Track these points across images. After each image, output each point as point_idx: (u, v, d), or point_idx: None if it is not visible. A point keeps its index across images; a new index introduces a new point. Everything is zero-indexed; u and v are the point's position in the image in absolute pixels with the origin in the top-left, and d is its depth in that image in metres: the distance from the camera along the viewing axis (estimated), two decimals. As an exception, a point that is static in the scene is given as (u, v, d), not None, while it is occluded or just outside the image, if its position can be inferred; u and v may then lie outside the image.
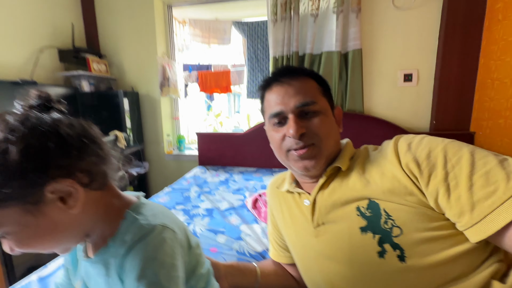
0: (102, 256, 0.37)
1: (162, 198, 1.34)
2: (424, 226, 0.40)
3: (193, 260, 0.45)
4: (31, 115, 0.33)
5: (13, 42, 1.62)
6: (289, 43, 1.76)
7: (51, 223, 0.33)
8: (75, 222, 0.35)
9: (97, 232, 0.38)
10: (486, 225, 0.35)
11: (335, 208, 0.49)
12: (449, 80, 1.60)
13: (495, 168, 0.36)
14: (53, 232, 0.34)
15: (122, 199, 0.41)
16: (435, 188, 0.39)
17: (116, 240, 0.36)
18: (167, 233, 0.37)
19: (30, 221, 0.31)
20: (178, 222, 0.43)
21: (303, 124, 0.50)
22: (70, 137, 0.34)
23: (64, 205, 0.33)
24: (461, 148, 0.40)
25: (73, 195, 0.33)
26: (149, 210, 0.40)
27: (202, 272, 0.46)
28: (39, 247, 0.34)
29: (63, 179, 0.32)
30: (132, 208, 0.39)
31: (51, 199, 0.32)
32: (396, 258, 0.41)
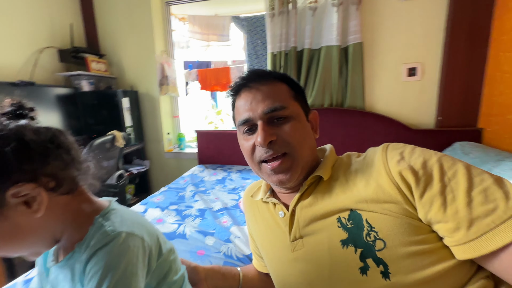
0: (68, 261, 0.37)
1: (157, 198, 1.34)
2: (408, 239, 0.37)
3: (165, 266, 0.44)
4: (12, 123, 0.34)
5: (12, 43, 1.64)
6: (287, 38, 1.71)
7: (15, 226, 0.34)
8: (41, 226, 0.36)
9: (66, 237, 0.39)
10: (481, 244, 0.33)
11: (315, 221, 0.46)
12: (456, 74, 1.52)
13: (492, 186, 0.34)
14: (17, 236, 0.34)
15: (93, 204, 0.41)
16: (430, 200, 0.36)
17: (82, 246, 0.36)
18: (132, 240, 0.37)
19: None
20: (149, 229, 0.43)
21: (273, 131, 0.46)
22: (33, 142, 0.35)
23: (28, 209, 0.34)
24: (456, 162, 0.38)
25: (36, 199, 0.34)
26: (118, 217, 0.40)
27: (175, 279, 0.46)
28: (3, 250, 0.34)
29: (25, 183, 0.33)
30: (102, 214, 0.39)
31: (14, 203, 0.33)
32: (380, 274, 0.38)
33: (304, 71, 1.72)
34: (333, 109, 1.70)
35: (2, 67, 1.58)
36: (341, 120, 1.68)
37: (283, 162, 0.46)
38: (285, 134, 0.46)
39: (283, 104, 0.47)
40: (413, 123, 1.66)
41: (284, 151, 0.46)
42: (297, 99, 0.51)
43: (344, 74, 1.69)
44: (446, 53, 1.51)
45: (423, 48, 1.58)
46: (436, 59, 1.56)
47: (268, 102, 0.47)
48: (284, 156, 0.47)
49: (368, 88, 1.70)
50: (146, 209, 1.19)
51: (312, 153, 0.51)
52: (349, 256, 0.40)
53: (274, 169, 0.46)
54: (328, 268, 0.43)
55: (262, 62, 2.12)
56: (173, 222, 1.06)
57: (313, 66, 1.73)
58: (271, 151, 0.46)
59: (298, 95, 0.51)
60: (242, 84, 0.51)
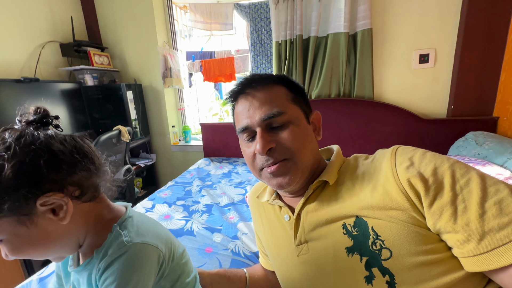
0: (86, 266, 0.39)
1: (165, 193, 1.35)
2: (416, 249, 0.36)
3: (178, 270, 0.46)
4: (27, 132, 0.35)
5: (14, 38, 1.62)
6: (292, 25, 1.64)
7: (43, 233, 0.35)
8: (66, 232, 0.38)
9: (87, 243, 0.40)
10: (492, 258, 0.31)
11: (320, 226, 0.45)
12: (472, 60, 1.44)
13: (508, 198, 0.33)
14: (44, 242, 0.36)
15: (111, 210, 0.43)
16: (440, 209, 0.35)
17: (99, 252, 0.38)
18: (147, 251, 0.39)
19: (23, 231, 0.34)
20: (163, 235, 0.44)
21: (272, 138, 0.45)
22: (62, 153, 0.36)
23: (55, 216, 0.35)
24: (469, 170, 0.36)
25: (63, 207, 0.36)
26: (134, 226, 0.41)
27: (187, 281, 0.48)
28: (31, 254, 0.36)
29: (54, 193, 0.35)
30: (119, 222, 0.41)
31: (42, 211, 0.34)
32: (386, 284, 0.37)
33: (310, 60, 1.66)
34: (340, 99, 1.65)
35: (5, 64, 1.58)
36: (349, 110, 1.63)
37: (281, 165, 0.45)
38: (284, 140, 0.45)
39: (280, 110, 0.46)
40: (424, 113, 1.60)
41: (284, 157, 0.46)
42: (296, 101, 0.49)
43: (352, 63, 1.63)
44: (462, 38, 1.42)
45: (436, 33, 1.49)
46: (451, 44, 1.48)
47: (265, 108, 0.46)
48: (283, 161, 0.46)
49: (378, 76, 1.63)
50: (154, 205, 1.20)
51: (314, 157, 0.49)
52: (354, 265, 0.40)
53: (273, 172, 0.46)
54: (333, 275, 0.42)
55: (267, 51, 2.05)
56: (180, 219, 1.07)
57: (319, 55, 1.67)
58: (272, 159, 0.45)
59: (297, 97, 0.50)
60: (239, 91, 0.50)
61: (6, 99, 1.45)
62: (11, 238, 0.34)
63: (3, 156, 0.32)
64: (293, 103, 0.48)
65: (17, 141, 0.34)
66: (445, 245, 0.36)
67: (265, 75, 0.51)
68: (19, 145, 0.33)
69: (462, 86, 1.49)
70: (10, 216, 0.33)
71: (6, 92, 1.45)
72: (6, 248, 0.35)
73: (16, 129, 0.36)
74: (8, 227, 0.33)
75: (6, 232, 0.34)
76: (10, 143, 0.33)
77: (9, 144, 0.33)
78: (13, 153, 0.33)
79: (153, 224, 0.46)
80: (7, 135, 0.34)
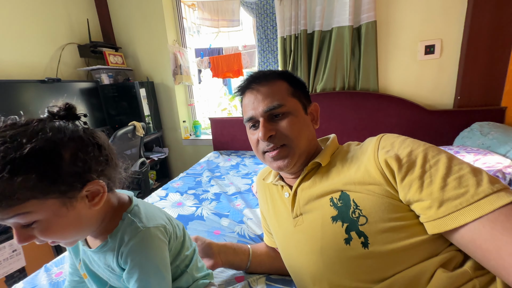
0: (102, 248, 0.45)
1: (177, 183, 1.45)
2: (388, 216, 0.43)
3: (178, 245, 0.54)
4: (74, 124, 0.39)
5: (37, 43, 1.75)
6: (296, 21, 1.68)
7: (77, 216, 0.39)
8: (93, 217, 0.42)
9: (100, 227, 0.45)
10: (447, 221, 0.37)
11: (312, 200, 0.53)
12: (479, 49, 1.42)
13: (468, 174, 0.38)
14: (76, 224, 0.39)
15: (119, 200, 0.48)
16: (409, 183, 0.41)
17: (114, 237, 0.44)
18: (158, 232, 0.46)
19: (63, 212, 0.37)
20: (164, 217, 0.51)
21: (272, 127, 0.53)
22: (103, 147, 0.41)
23: (89, 202, 0.40)
24: (440, 153, 0.42)
25: (99, 194, 0.40)
26: (142, 212, 0.48)
27: (187, 253, 0.56)
28: (60, 236, 0.39)
29: (97, 180, 0.39)
30: (129, 211, 0.46)
31: (82, 196, 0.38)
32: (360, 244, 0.44)
33: (315, 54, 1.69)
34: (345, 92, 1.67)
35: (31, 66, 1.72)
36: (353, 103, 1.66)
37: (280, 151, 0.54)
38: (283, 128, 0.53)
39: (280, 102, 0.53)
40: (430, 104, 1.61)
41: (283, 143, 0.54)
42: (296, 95, 0.57)
43: (356, 56, 1.65)
44: (469, 27, 1.41)
45: (442, 23, 1.48)
46: (458, 34, 1.47)
47: (267, 101, 0.54)
48: (282, 147, 0.54)
49: (382, 69, 1.65)
50: (167, 194, 1.30)
51: (310, 143, 0.57)
52: (336, 229, 0.47)
53: (274, 157, 0.54)
54: (320, 240, 0.49)
55: (273, 46, 2.09)
56: (191, 205, 1.16)
57: (324, 49, 1.69)
58: (272, 144, 0.54)
59: (297, 91, 0.57)
60: (246, 86, 0.58)
61: (33, 98, 1.59)
62: (50, 218, 0.36)
63: (62, 143, 0.36)
64: (292, 96, 0.56)
65: (71, 131, 0.37)
66: (414, 214, 0.42)
67: (269, 72, 0.59)
68: (73, 134, 0.37)
69: (469, 77, 1.48)
70: (57, 197, 0.35)
71: (32, 91, 1.58)
72: (40, 227, 0.36)
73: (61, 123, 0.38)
74: (52, 206, 0.35)
75: (48, 212, 0.35)
76: (65, 133, 0.36)
77: (65, 133, 0.36)
78: (69, 141, 0.36)
79: (155, 208, 0.53)
80: (58, 125, 0.37)
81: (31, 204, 0.33)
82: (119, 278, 0.46)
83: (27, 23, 1.69)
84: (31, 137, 0.33)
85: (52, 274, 0.76)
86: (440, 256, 0.40)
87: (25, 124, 0.35)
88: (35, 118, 0.37)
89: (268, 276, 0.70)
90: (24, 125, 0.35)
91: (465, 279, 0.37)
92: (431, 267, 0.39)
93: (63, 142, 0.36)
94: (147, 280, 0.42)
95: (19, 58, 1.65)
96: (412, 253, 0.41)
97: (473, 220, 0.35)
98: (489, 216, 0.34)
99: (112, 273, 0.46)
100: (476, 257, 0.37)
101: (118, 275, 0.45)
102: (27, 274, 1.26)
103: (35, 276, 0.75)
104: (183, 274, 0.54)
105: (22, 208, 0.33)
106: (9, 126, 0.34)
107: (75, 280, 0.56)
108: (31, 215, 0.34)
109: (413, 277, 0.40)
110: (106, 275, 0.48)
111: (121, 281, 0.46)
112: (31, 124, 0.35)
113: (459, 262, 0.40)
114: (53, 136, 0.35)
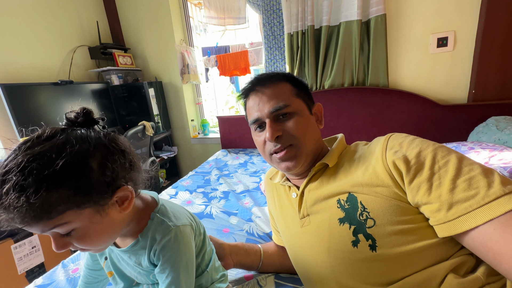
0: (132, 248, 0.47)
1: (186, 182, 1.47)
2: (396, 219, 0.42)
3: (200, 241, 0.56)
4: (102, 133, 0.40)
5: (50, 46, 1.81)
6: (303, 16, 1.65)
7: (110, 221, 0.40)
8: (124, 220, 0.44)
9: (130, 228, 0.47)
10: (457, 224, 0.37)
11: (319, 201, 0.52)
12: (495, 40, 1.36)
13: (478, 176, 0.37)
14: (110, 229, 0.41)
15: (144, 201, 0.50)
16: (418, 185, 0.41)
17: (145, 236, 0.46)
18: (187, 229, 0.49)
19: (98, 219, 0.38)
20: (189, 214, 0.54)
21: (279, 127, 0.53)
22: (127, 152, 0.42)
23: (119, 207, 0.41)
24: (450, 153, 0.41)
25: (128, 199, 0.42)
26: (169, 212, 0.50)
27: (207, 250, 0.58)
28: (96, 241, 0.40)
29: (126, 186, 0.41)
30: (156, 211, 0.48)
31: (113, 202, 0.40)
32: (368, 247, 0.43)
33: (323, 50, 1.67)
34: (353, 88, 1.65)
35: (44, 69, 1.77)
36: (362, 99, 1.63)
37: (288, 151, 0.53)
38: (289, 128, 0.53)
39: (285, 103, 0.53)
40: (442, 98, 1.56)
41: (290, 143, 0.53)
42: (300, 95, 0.56)
43: (365, 51, 1.61)
44: (484, 17, 1.35)
45: (455, 14, 1.43)
46: (472, 25, 1.41)
47: (273, 102, 0.53)
48: (289, 147, 0.53)
49: (392, 63, 1.60)
50: (177, 192, 1.33)
51: (316, 143, 0.57)
52: (344, 232, 0.46)
53: (281, 157, 0.54)
54: (327, 241, 0.49)
55: (280, 42, 2.07)
56: (200, 204, 1.18)
57: (332, 44, 1.67)
58: (279, 144, 0.53)
59: (301, 91, 0.57)
60: (250, 88, 0.58)
61: (47, 100, 1.64)
62: (87, 226, 0.37)
63: (89, 154, 0.36)
64: (297, 97, 0.56)
65: (95, 140, 0.38)
66: (423, 217, 0.41)
67: (272, 74, 0.58)
68: (98, 143, 0.38)
69: (484, 69, 1.42)
70: (92, 206, 0.37)
71: (46, 94, 1.64)
72: (77, 235, 0.37)
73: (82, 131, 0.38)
74: (87, 215, 0.37)
75: (85, 220, 0.37)
76: (89, 142, 0.37)
77: (90, 143, 0.37)
78: (95, 150, 0.37)
79: (179, 207, 0.55)
80: (80, 134, 0.37)
81: (68, 215, 0.35)
82: (148, 275, 0.48)
83: (41, 28, 1.75)
84: (60, 152, 0.34)
85: (69, 270, 0.79)
86: (451, 261, 0.39)
87: (50, 137, 0.35)
88: (57, 129, 0.37)
89: (277, 274, 0.70)
90: (49, 138, 0.35)
91: (477, 286, 0.37)
92: (441, 271, 0.38)
93: (89, 153, 0.36)
94: (177, 275, 0.44)
95: (34, 61, 1.71)
96: (421, 257, 0.40)
97: (484, 223, 0.34)
98: (500, 219, 0.33)
99: (141, 270, 0.48)
100: (487, 260, 0.36)
101: (148, 272, 0.48)
102: (46, 269, 1.32)
103: (53, 272, 0.79)
104: (203, 273, 0.55)
105: (60, 220, 0.34)
106: (35, 141, 0.34)
107: (90, 279, 0.58)
108: (69, 225, 0.36)
109: (423, 281, 0.39)
110: (134, 272, 0.50)
111: (150, 278, 0.48)
112: (55, 137, 0.36)
113: (471, 267, 0.39)
114: (79, 148, 0.35)
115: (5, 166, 0.32)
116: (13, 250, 1.21)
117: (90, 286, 0.57)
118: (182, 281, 0.45)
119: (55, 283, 0.73)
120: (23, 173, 0.31)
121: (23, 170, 0.31)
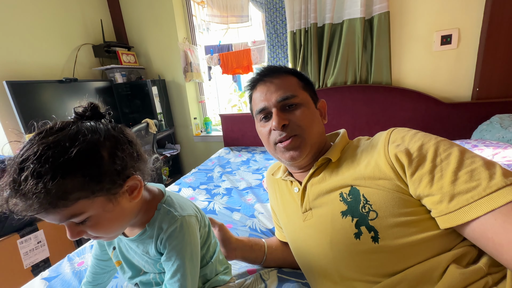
0: (140, 237, 0.48)
1: (189, 179, 1.48)
2: (398, 211, 0.42)
3: (205, 234, 0.57)
4: (110, 125, 0.41)
5: (55, 45, 1.82)
6: (306, 14, 1.65)
7: (121, 209, 0.42)
8: (133, 209, 0.45)
9: (137, 218, 0.48)
10: (459, 215, 0.37)
11: (322, 195, 0.53)
12: (500, 38, 1.35)
13: (480, 168, 0.37)
14: (121, 217, 0.42)
15: (151, 193, 0.52)
16: (420, 178, 0.41)
17: (152, 226, 0.47)
18: (192, 220, 0.50)
19: (110, 208, 0.39)
20: (194, 206, 0.55)
21: (285, 116, 0.53)
22: (134, 143, 0.44)
23: (129, 196, 0.42)
24: (452, 146, 0.41)
25: (137, 188, 0.43)
26: (175, 203, 0.51)
27: (212, 242, 0.59)
28: (109, 229, 0.42)
29: (134, 176, 0.42)
30: (163, 201, 0.50)
31: (123, 191, 0.41)
32: (370, 239, 0.44)
33: (326, 48, 1.66)
34: (356, 86, 1.64)
35: (49, 67, 1.79)
36: (365, 97, 1.63)
37: (293, 140, 0.53)
38: (296, 118, 0.54)
39: (293, 93, 0.54)
40: (446, 96, 1.55)
41: (295, 133, 0.54)
42: (306, 89, 0.57)
43: (368, 48, 1.61)
44: (488, 14, 1.34)
45: (460, 12, 1.42)
46: (477, 22, 1.40)
47: (281, 92, 0.54)
48: (294, 137, 0.54)
49: (396, 61, 1.60)
50: (180, 189, 1.33)
51: (320, 136, 0.57)
52: (346, 224, 0.47)
53: (286, 146, 0.54)
54: (330, 234, 0.49)
55: (283, 40, 2.08)
56: (204, 200, 1.18)
57: (335, 42, 1.66)
58: (284, 133, 0.53)
59: (306, 86, 0.58)
60: (258, 79, 0.58)
61: (52, 98, 1.66)
62: (100, 214, 0.39)
63: (100, 144, 0.37)
64: (303, 90, 0.57)
65: (104, 131, 0.39)
66: (425, 209, 0.42)
67: (279, 67, 0.59)
68: (107, 134, 0.39)
69: (488, 67, 1.41)
70: (104, 195, 0.38)
71: (50, 91, 1.65)
72: (91, 223, 0.39)
73: (92, 123, 0.39)
74: (100, 203, 0.38)
75: (98, 209, 0.38)
76: (99, 133, 0.38)
77: (99, 133, 0.38)
78: (105, 140, 0.38)
79: (184, 199, 0.56)
80: (90, 126, 0.38)
81: (82, 203, 0.36)
82: (155, 263, 0.50)
83: (46, 26, 1.76)
84: (73, 141, 0.35)
85: (74, 263, 0.80)
86: (453, 252, 0.39)
87: (62, 128, 0.37)
88: (68, 121, 0.38)
89: (280, 269, 0.71)
90: (61, 129, 0.36)
91: (478, 276, 0.37)
92: (443, 262, 0.39)
93: (100, 143, 0.37)
94: (182, 263, 0.46)
95: (39, 59, 1.73)
96: (423, 248, 0.41)
97: (485, 214, 0.34)
98: (501, 209, 0.34)
99: (149, 259, 0.50)
100: (488, 251, 0.36)
101: (155, 260, 0.49)
102: (51, 264, 1.34)
103: (59, 265, 0.80)
104: (208, 264, 0.56)
105: (75, 209, 0.36)
106: (48, 131, 0.36)
107: (97, 271, 0.59)
108: (83, 214, 0.37)
109: (425, 272, 0.39)
110: (142, 261, 0.52)
111: (156, 266, 0.50)
112: (67, 128, 0.37)
113: (473, 258, 0.40)
114: (91, 138, 0.37)
115: (21, 155, 0.33)
116: (19, 244, 1.23)
117: (97, 277, 0.58)
118: (187, 269, 0.46)
119: (61, 276, 0.74)
120: (40, 160, 0.32)
121: (40, 158, 0.32)
